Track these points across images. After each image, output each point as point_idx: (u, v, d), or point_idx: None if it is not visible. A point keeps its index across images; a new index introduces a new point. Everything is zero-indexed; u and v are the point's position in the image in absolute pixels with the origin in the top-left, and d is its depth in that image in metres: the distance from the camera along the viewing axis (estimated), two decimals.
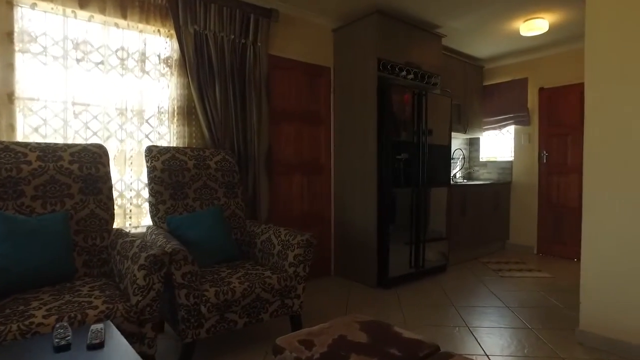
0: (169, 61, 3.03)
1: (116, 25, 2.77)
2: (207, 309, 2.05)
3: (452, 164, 5.20)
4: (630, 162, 2.30)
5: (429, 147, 3.81)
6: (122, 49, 2.81)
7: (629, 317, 2.28)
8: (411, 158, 3.66)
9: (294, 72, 3.73)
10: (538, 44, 4.62)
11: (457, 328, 2.68)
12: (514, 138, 5.15)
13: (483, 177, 5.49)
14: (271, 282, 2.27)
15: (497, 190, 4.96)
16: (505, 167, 5.24)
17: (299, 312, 2.46)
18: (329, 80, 3.98)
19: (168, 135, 3.07)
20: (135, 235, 2.28)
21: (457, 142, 5.46)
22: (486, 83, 5.34)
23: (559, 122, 4.73)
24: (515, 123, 5.06)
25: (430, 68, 4.01)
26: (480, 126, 5.25)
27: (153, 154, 2.69)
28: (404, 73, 3.74)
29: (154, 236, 2.35)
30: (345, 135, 3.87)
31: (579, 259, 2.54)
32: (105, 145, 2.76)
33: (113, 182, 2.82)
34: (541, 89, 4.86)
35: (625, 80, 2.32)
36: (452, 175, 5.00)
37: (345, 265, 3.90)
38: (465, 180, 5.27)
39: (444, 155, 4.05)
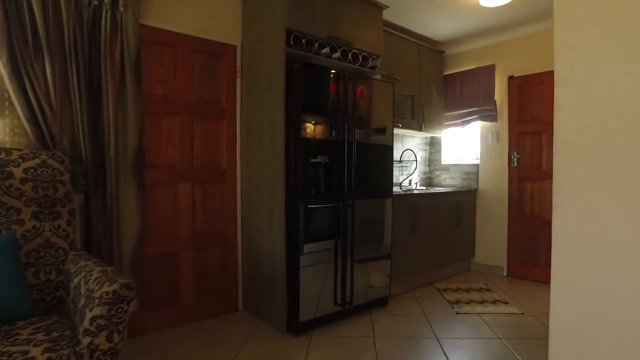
0: None
1: None
2: None
3: (401, 169, 4.34)
4: (623, 154, 1.46)
5: (361, 147, 2.94)
6: None
7: None
8: (334, 161, 2.79)
9: (183, 51, 2.84)
10: (505, 22, 3.79)
11: None
12: (480, 137, 4.31)
13: (445, 183, 4.64)
14: None
15: (460, 200, 4.11)
16: (470, 172, 4.40)
17: None
18: (234, 62, 3.09)
19: None
20: None
21: (414, 141, 4.61)
22: (448, 72, 4.50)
23: (531, 116, 3.91)
24: (481, 118, 4.22)
25: (366, 46, 3.15)
26: (441, 122, 4.40)
27: None
28: (326, 50, 2.87)
29: None
30: (253, 133, 2.98)
31: None
32: None
33: None
34: (511, 78, 4.04)
35: (613, 36, 1.47)
36: (402, 181, 4.13)
37: (255, 301, 3.01)
38: (424, 188, 4.42)
39: (385, 158, 3.18)
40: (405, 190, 3.73)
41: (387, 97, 3.18)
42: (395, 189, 3.82)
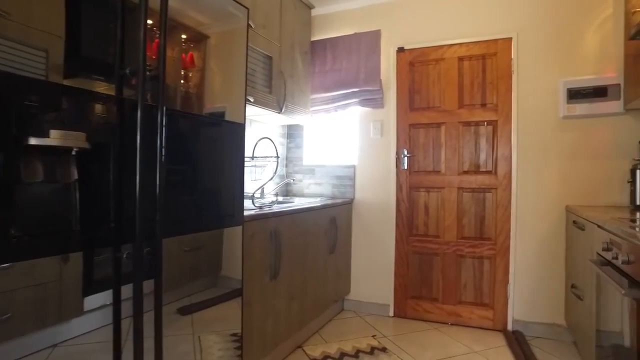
0: None
1: None
2: None
3: (254, 170, 2.91)
4: None
5: (178, 122, 1.39)
6: None
7: None
8: (108, 150, 1.15)
9: None
10: None
11: None
12: (359, 128, 3.19)
13: (309, 192, 3.38)
14: None
15: (336, 216, 2.89)
16: (344, 176, 3.24)
17: None
18: None
19: None
20: None
21: (266, 130, 3.23)
22: (317, 38, 3.26)
23: (427, 103, 2.95)
24: (361, 103, 3.10)
25: None
26: (307, 105, 3.12)
27: None
28: None
29: None
30: None
31: (455, 323, 2.07)
32: None
33: None
34: (400, 50, 3.01)
35: None
36: (256, 191, 2.68)
37: None
38: (280, 199, 3.06)
39: (231, 148, 1.69)
40: (260, 206, 2.29)
41: (237, 34, 1.70)
42: (245, 203, 2.34)
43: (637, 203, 2.31)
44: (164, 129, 1.25)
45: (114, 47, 1.17)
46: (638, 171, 2.32)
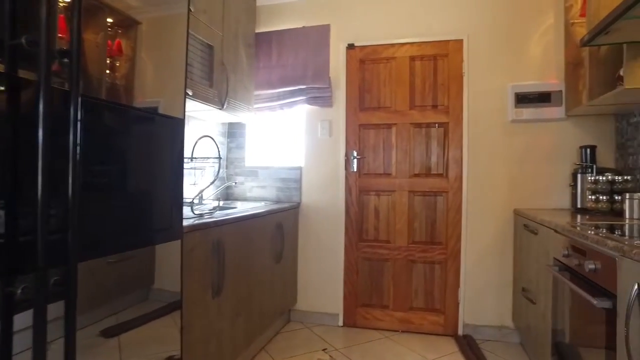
0: None
1: None
2: None
3: (194, 173, 2.61)
4: None
5: (99, 114, 1.10)
6: None
7: None
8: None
9: None
10: None
11: None
12: (306, 127, 3.01)
13: (252, 195, 3.13)
14: None
15: (283, 221, 2.68)
16: (289, 178, 3.04)
17: None
18: None
19: None
20: None
21: (205, 128, 2.94)
22: (262, 30, 3.02)
23: (378, 103, 2.84)
24: (308, 102, 2.92)
25: None
26: (250, 102, 2.88)
27: None
28: None
29: None
30: None
31: (407, 330, 2.01)
32: None
33: None
34: (350, 47, 2.88)
35: None
36: (195, 197, 2.38)
37: None
38: (220, 202, 2.78)
39: (167, 148, 1.42)
40: (200, 214, 2.02)
41: (176, 18, 1.44)
42: (184, 211, 2.05)
43: (578, 206, 2.38)
44: (78, 121, 0.97)
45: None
46: (579, 175, 2.40)
